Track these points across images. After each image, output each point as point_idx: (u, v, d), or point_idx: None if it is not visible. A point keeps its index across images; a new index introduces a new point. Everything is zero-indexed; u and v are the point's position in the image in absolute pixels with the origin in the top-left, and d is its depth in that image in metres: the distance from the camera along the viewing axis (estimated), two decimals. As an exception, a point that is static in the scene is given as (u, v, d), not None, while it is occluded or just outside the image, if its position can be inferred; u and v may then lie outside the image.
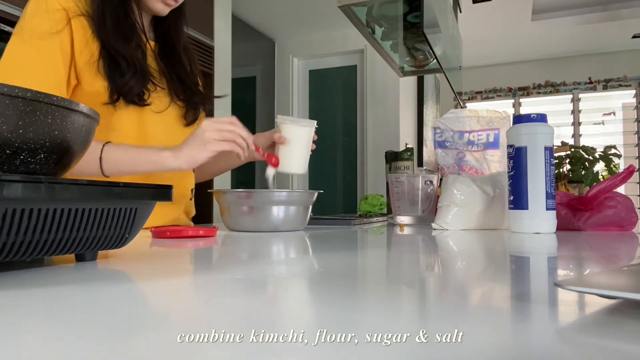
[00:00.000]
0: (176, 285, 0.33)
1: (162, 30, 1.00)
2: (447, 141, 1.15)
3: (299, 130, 0.97)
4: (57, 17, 0.82)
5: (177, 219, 1.04)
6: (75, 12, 0.84)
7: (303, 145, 0.97)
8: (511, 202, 0.88)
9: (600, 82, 4.70)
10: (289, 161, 0.97)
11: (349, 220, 1.10)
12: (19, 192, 0.32)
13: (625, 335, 0.21)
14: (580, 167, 1.31)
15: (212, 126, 0.84)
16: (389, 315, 0.24)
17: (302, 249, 0.58)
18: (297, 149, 0.97)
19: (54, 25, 0.81)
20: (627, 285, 0.26)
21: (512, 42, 4.42)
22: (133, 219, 0.44)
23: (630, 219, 0.89)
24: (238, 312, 0.25)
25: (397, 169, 1.34)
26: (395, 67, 2.17)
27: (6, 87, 0.34)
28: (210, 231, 0.76)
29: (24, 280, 0.34)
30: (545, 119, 0.86)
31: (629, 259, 0.51)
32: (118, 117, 0.88)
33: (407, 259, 0.50)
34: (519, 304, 0.27)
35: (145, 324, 0.23)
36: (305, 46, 4.15)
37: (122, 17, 0.88)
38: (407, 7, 1.59)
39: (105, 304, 0.27)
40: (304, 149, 0.98)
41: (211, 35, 2.64)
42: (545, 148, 0.84)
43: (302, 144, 0.97)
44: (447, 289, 0.33)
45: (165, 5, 0.92)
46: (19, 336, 0.21)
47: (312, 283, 0.34)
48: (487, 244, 0.66)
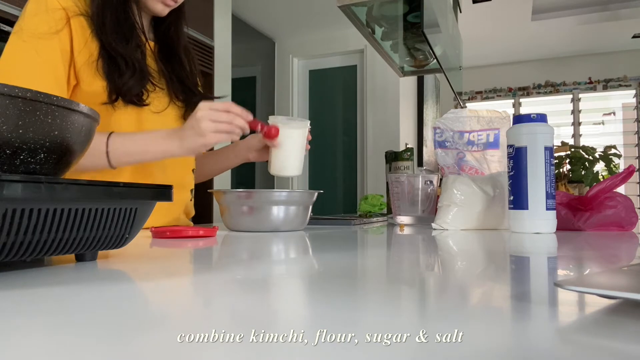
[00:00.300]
0: (176, 285, 0.33)
1: (162, 30, 1.00)
2: (447, 141, 1.15)
3: (291, 132, 0.94)
4: (56, 16, 0.82)
5: (177, 219, 1.04)
6: (74, 11, 0.84)
7: (297, 147, 0.94)
8: (511, 202, 0.88)
9: (600, 82, 4.70)
10: (283, 164, 0.94)
11: (349, 220, 1.10)
12: (19, 192, 0.32)
13: (625, 335, 0.21)
14: (580, 167, 1.31)
15: (208, 115, 0.83)
16: (389, 315, 0.24)
17: (302, 249, 0.58)
18: (291, 151, 0.94)
19: (54, 25, 0.81)
20: (627, 285, 0.26)
21: (512, 42, 4.42)
22: (133, 219, 0.44)
23: (630, 219, 0.89)
24: (238, 312, 0.25)
25: (397, 169, 1.34)
26: (395, 67, 2.17)
27: (6, 87, 0.34)
28: (210, 231, 0.76)
29: (24, 280, 0.34)
30: (545, 119, 0.86)
31: (629, 259, 0.51)
32: (117, 117, 0.88)
33: (407, 259, 0.50)
34: (519, 304, 0.27)
35: (145, 324, 0.23)
36: (305, 46, 4.15)
37: (122, 17, 0.88)
38: (407, 7, 1.59)
39: (105, 304, 0.27)
40: (298, 150, 0.95)
41: (211, 35, 2.64)
42: (545, 148, 0.84)
43: (295, 145, 0.94)
44: (447, 289, 0.33)
45: (165, 6, 0.92)
46: (19, 336, 0.21)
47: (312, 283, 0.34)
48: (487, 244, 0.66)
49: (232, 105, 0.86)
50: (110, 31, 0.85)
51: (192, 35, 2.40)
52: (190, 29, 1.03)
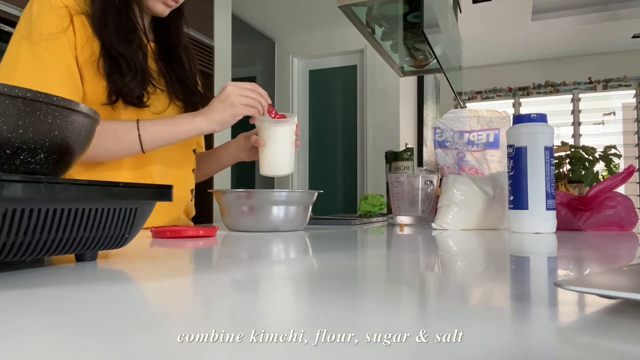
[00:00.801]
0: (176, 285, 0.33)
1: (162, 30, 1.00)
2: (447, 141, 1.15)
3: (278, 129, 0.92)
4: (61, 14, 0.82)
5: (177, 219, 1.04)
6: (76, 10, 0.84)
7: (285, 145, 0.93)
8: (511, 202, 0.88)
9: (600, 82, 4.70)
10: (271, 163, 0.93)
11: (349, 220, 1.10)
12: (19, 192, 0.32)
13: (625, 335, 0.21)
14: (580, 167, 1.31)
15: (236, 90, 0.89)
16: (389, 315, 0.24)
17: (302, 249, 0.58)
18: (279, 149, 0.93)
19: (60, 24, 0.81)
20: (627, 285, 0.26)
21: (512, 42, 4.42)
22: (133, 219, 0.44)
23: (630, 219, 0.89)
24: (238, 312, 0.25)
25: (397, 169, 1.34)
26: (395, 67, 2.17)
27: (6, 87, 0.34)
28: (210, 231, 0.76)
29: (24, 280, 0.34)
30: (545, 119, 0.86)
31: (629, 259, 0.51)
32: (117, 117, 0.88)
33: (407, 259, 0.50)
34: (519, 304, 0.27)
35: (145, 324, 0.23)
36: (305, 46, 4.15)
37: (124, 18, 0.88)
38: (407, 7, 1.59)
39: (105, 304, 0.27)
40: (286, 148, 0.93)
41: (211, 35, 2.64)
42: (545, 148, 0.84)
43: (283, 143, 0.93)
44: (447, 289, 0.33)
45: (166, 6, 0.92)
46: (19, 336, 0.21)
47: (312, 283, 0.34)
48: (487, 244, 0.66)
49: (256, 85, 0.93)
50: (113, 32, 0.85)
51: (192, 35, 2.40)
52: (190, 29, 1.03)
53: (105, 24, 0.85)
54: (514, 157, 0.87)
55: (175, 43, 1.00)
